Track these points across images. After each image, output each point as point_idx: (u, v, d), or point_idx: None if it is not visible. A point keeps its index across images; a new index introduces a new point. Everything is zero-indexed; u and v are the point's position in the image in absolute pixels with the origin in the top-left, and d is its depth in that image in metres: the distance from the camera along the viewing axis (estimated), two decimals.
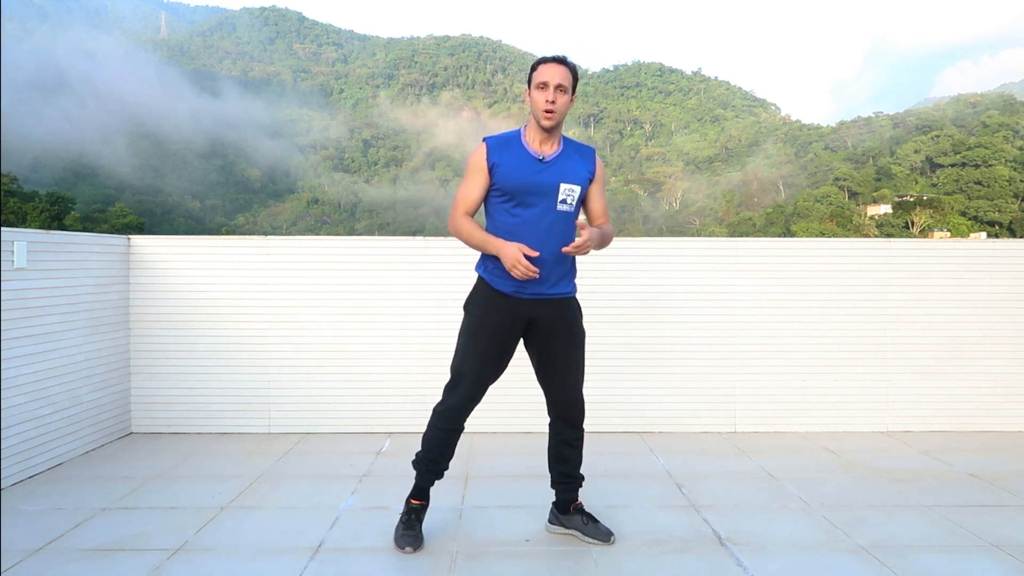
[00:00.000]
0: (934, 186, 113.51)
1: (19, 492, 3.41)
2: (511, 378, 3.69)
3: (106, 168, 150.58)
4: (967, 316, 4.64)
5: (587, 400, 2.89)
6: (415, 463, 2.84)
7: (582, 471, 2.94)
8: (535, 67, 2.64)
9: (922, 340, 4.63)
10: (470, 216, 2.69)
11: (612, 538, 2.82)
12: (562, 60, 2.63)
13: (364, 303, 4.55)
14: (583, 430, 2.87)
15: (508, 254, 2.55)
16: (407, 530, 2.79)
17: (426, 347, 4.51)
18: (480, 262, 2.78)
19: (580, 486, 2.93)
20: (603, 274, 4.52)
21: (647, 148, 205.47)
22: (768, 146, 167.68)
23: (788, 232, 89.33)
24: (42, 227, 32.91)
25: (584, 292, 4.48)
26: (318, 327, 4.54)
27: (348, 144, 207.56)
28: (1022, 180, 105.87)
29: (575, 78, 2.65)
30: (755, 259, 4.62)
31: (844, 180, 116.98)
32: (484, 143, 2.68)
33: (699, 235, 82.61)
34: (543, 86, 2.59)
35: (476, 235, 2.64)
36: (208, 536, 2.90)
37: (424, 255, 4.56)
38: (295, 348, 4.54)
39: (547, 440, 2.92)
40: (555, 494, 2.95)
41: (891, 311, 4.63)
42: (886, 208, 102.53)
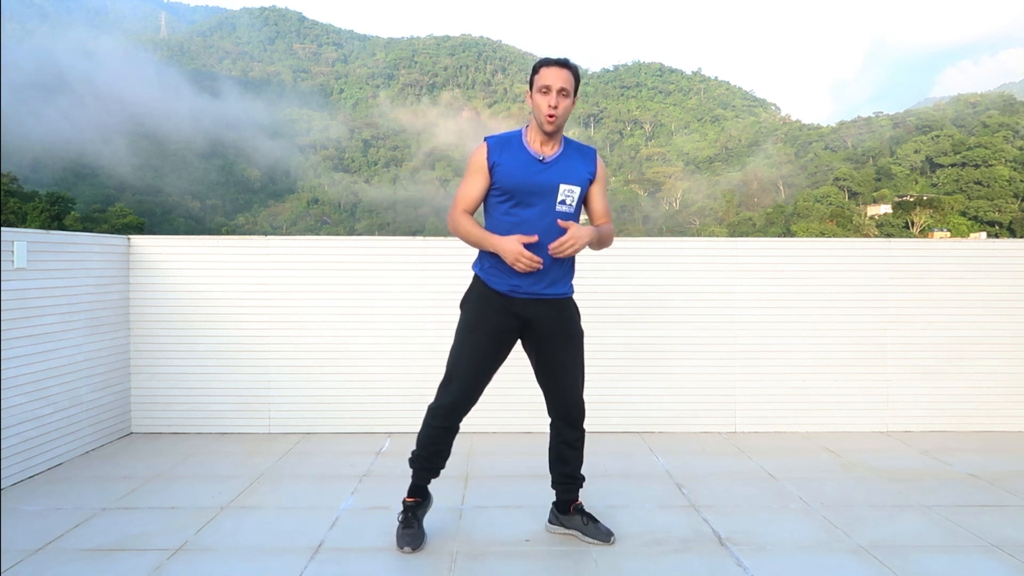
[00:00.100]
0: (934, 186, 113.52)
1: (19, 492, 3.41)
2: (511, 378, 3.70)
3: (106, 168, 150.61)
4: (967, 316, 4.64)
5: (587, 400, 2.88)
6: (411, 461, 2.85)
7: (582, 471, 2.94)
8: (537, 69, 2.62)
9: (922, 340, 4.63)
10: (469, 214, 2.69)
11: (612, 538, 2.82)
12: (564, 63, 2.61)
13: (364, 303, 4.55)
14: (584, 431, 2.87)
15: (508, 249, 2.55)
16: (405, 529, 2.79)
17: (426, 347, 4.51)
18: (477, 261, 2.78)
19: (581, 486, 2.93)
20: (603, 274, 4.53)
21: (647, 148, 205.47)
22: (768, 146, 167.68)
23: (788, 232, 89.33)
24: (42, 227, 32.90)
25: (584, 292, 4.48)
26: (318, 327, 4.54)
27: (348, 144, 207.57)
28: (1022, 180, 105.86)
29: (577, 80, 2.63)
30: (755, 259, 4.62)
31: (844, 180, 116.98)
32: (485, 142, 2.68)
33: (699, 235, 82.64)
34: (546, 90, 2.57)
35: (474, 232, 2.64)
36: (208, 536, 2.90)
37: (424, 255, 4.56)
38: (295, 348, 4.54)
39: (547, 440, 2.92)
40: (555, 494, 2.95)
41: (891, 311, 4.63)
42: (886, 208, 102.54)
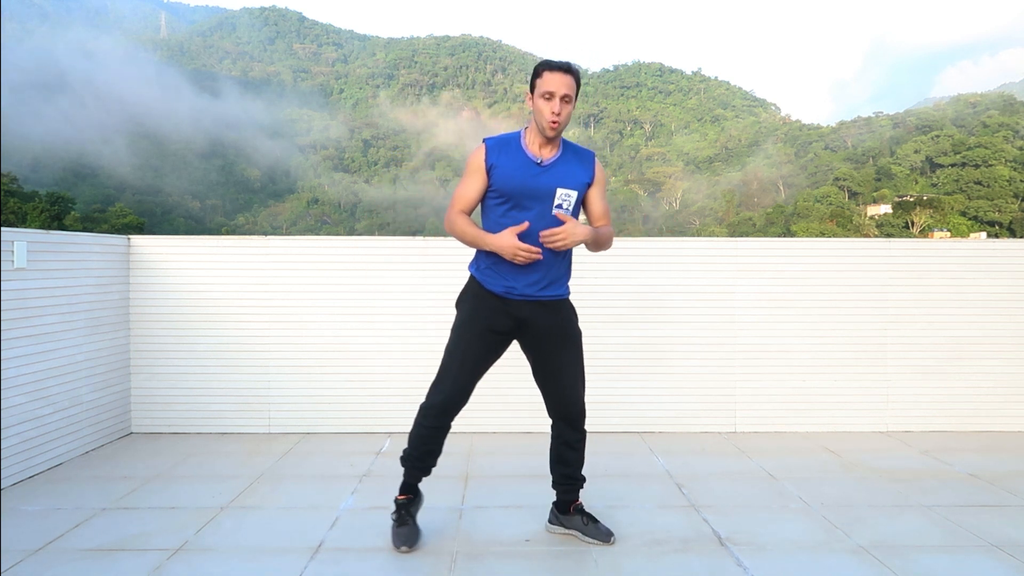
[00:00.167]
0: (934, 186, 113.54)
1: (19, 492, 3.41)
2: (511, 378, 3.70)
3: (106, 168, 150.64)
4: (967, 316, 4.64)
5: (587, 400, 2.87)
6: (402, 460, 2.84)
7: (583, 472, 2.93)
8: (540, 73, 2.59)
9: (922, 340, 4.63)
10: (466, 215, 2.69)
11: (612, 538, 2.81)
12: (568, 68, 2.57)
13: (364, 303, 4.55)
14: (584, 432, 2.86)
15: (504, 245, 2.55)
16: (400, 527, 2.78)
17: (426, 347, 4.51)
18: (473, 261, 2.78)
19: (581, 487, 2.93)
20: (603, 274, 4.53)
21: (647, 148, 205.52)
22: (768, 146, 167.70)
23: (788, 232, 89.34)
24: (42, 227, 32.91)
25: (584, 292, 4.49)
26: (318, 327, 4.54)
27: (348, 144, 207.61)
28: (1022, 180, 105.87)
29: (579, 85, 2.62)
30: (755, 259, 4.62)
31: (844, 180, 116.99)
32: (484, 144, 2.67)
33: (699, 235, 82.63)
34: (549, 96, 2.55)
35: (470, 232, 2.64)
36: (208, 536, 2.90)
37: (424, 255, 4.56)
38: (295, 348, 4.54)
39: (547, 440, 2.92)
40: (556, 494, 2.94)
41: (891, 311, 4.63)
42: (886, 208, 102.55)
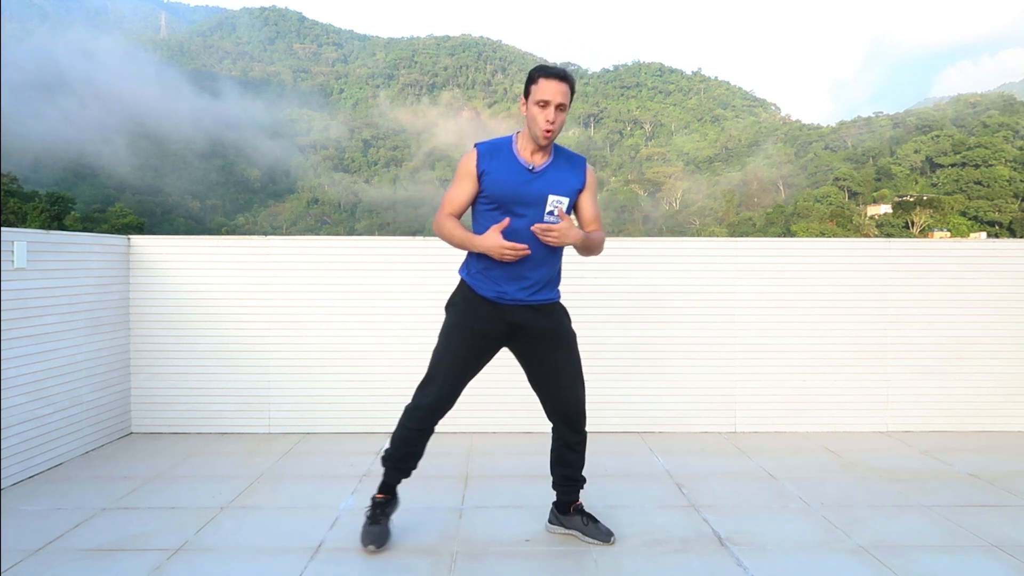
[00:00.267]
0: (934, 186, 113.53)
1: (19, 492, 3.41)
2: (510, 378, 3.69)
3: (106, 168, 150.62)
4: (967, 316, 4.64)
5: (587, 400, 2.86)
6: (383, 460, 2.83)
7: (583, 473, 2.93)
8: (535, 79, 2.56)
9: (922, 340, 4.63)
10: (456, 218, 2.68)
11: (612, 538, 2.81)
12: (563, 76, 2.55)
13: (364, 303, 4.55)
14: (585, 434, 2.86)
15: (490, 246, 2.54)
16: (372, 525, 2.76)
17: (426, 347, 4.45)
18: (464, 265, 2.78)
19: (582, 488, 2.93)
20: (603, 274, 4.53)
21: (647, 148, 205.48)
22: (768, 146, 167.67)
23: (788, 232, 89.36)
24: (42, 227, 32.91)
25: (584, 292, 4.50)
26: (318, 327, 4.54)
27: (348, 144, 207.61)
28: (1022, 180, 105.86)
29: (573, 91, 2.60)
30: (755, 259, 4.62)
31: (844, 180, 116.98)
32: (475, 149, 2.66)
33: (699, 235, 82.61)
34: (544, 104, 2.53)
35: (458, 234, 2.64)
36: (208, 536, 2.90)
37: (424, 255, 4.56)
38: (295, 348, 4.54)
39: (547, 440, 2.92)
40: (556, 495, 2.94)
41: (891, 311, 4.63)
42: (886, 208, 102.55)
